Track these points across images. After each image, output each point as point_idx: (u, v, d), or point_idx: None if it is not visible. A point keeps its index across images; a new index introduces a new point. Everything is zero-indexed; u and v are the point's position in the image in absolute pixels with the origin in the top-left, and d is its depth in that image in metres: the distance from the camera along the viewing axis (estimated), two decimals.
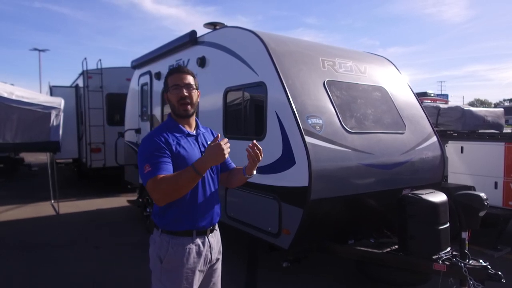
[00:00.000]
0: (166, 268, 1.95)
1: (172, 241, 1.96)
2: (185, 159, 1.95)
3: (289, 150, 3.58)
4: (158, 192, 1.81)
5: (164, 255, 1.95)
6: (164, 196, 1.83)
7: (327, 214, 3.72)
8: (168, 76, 2.09)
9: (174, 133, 2.01)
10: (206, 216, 2.05)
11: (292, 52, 4.18)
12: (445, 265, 3.28)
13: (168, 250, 1.95)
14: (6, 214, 7.47)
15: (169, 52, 6.02)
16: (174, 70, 2.10)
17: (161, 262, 1.95)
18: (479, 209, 3.29)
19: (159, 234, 2.00)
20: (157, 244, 1.99)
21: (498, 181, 5.49)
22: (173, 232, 1.97)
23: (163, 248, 1.96)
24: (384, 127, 4.24)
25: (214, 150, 1.80)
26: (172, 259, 1.95)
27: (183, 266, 1.96)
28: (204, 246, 2.04)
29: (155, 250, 1.99)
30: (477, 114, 6.86)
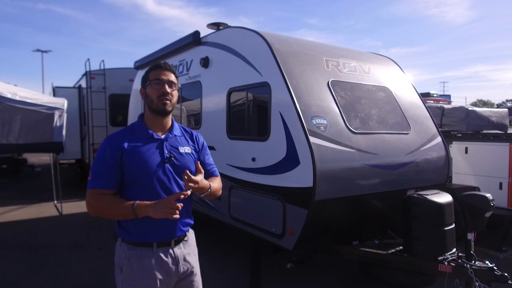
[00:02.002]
0: (125, 280, 1.85)
1: (130, 252, 1.85)
2: (139, 167, 1.82)
3: (293, 150, 3.57)
4: (91, 207, 1.80)
5: (122, 265, 1.86)
6: (95, 213, 1.81)
7: (332, 215, 3.70)
8: (150, 71, 1.94)
9: (135, 137, 1.89)
10: (169, 227, 1.87)
11: (296, 52, 4.16)
12: (451, 266, 3.26)
13: (126, 261, 1.84)
14: (9, 215, 7.48)
15: (173, 53, 6.02)
16: (158, 66, 1.94)
17: (121, 272, 1.86)
18: (485, 210, 3.27)
19: (120, 243, 1.90)
20: (118, 253, 1.90)
21: (503, 181, 5.45)
22: (131, 243, 1.85)
23: (122, 258, 1.86)
24: (389, 128, 4.21)
25: (163, 205, 1.68)
26: (130, 271, 1.84)
27: (142, 278, 1.83)
28: (168, 257, 1.88)
29: (117, 259, 1.90)
30: (481, 114, 6.82)
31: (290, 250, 3.65)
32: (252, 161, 4.07)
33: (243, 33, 4.51)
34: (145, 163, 1.83)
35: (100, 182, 1.79)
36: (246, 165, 4.19)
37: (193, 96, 5.46)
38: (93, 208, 1.80)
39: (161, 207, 1.69)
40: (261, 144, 3.99)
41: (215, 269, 4.66)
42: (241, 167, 4.27)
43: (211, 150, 4.87)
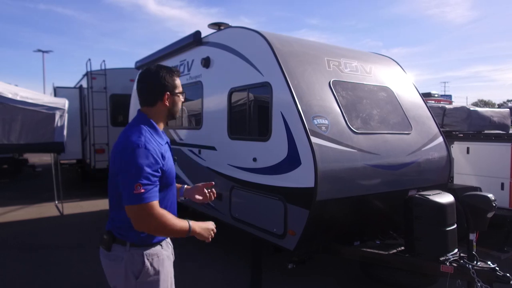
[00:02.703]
0: (144, 282, 1.83)
1: (146, 252, 1.84)
2: (171, 172, 1.85)
3: (294, 150, 3.56)
4: (145, 225, 1.69)
5: (139, 270, 1.82)
6: (148, 230, 1.73)
7: (333, 215, 3.70)
8: (175, 77, 1.95)
9: (160, 141, 1.86)
10: None
11: (297, 52, 4.16)
12: (453, 267, 3.25)
13: (144, 264, 1.82)
14: (10, 215, 7.48)
15: (174, 53, 6.01)
16: (178, 73, 1.98)
17: (137, 278, 1.82)
18: (487, 210, 3.26)
19: (127, 249, 1.82)
20: (126, 260, 1.82)
21: (504, 182, 5.44)
22: (147, 245, 1.85)
23: (136, 263, 1.82)
24: (390, 128, 4.20)
25: (209, 228, 1.90)
26: (151, 271, 1.84)
27: (161, 274, 1.88)
28: (169, 247, 2.01)
29: (124, 268, 1.81)
30: (483, 114, 6.81)
31: (291, 250, 3.64)
32: (253, 161, 4.07)
33: (244, 33, 4.50)
34: (172, 169, 1.89)
35: (155, 194, 1.69)
36: (247, 165, 4.18)
37: (194, 96, 5.46)
38: (148, 224, 1.69)
39: (207, 230, 1.87)
40: (262, 144, 3.98)
41: (215, 269, 4.65)
42: (242, 167, 4.26)
43: (212, 150, 4.88)
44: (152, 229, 1.72)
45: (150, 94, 1.91)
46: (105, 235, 1.87)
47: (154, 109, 1.91)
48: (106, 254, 1.87)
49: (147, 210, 1.66)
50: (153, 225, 1.68)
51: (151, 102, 1.90)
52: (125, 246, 1.83)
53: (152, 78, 1.89)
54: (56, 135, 7.11)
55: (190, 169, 5.45)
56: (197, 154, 5.22)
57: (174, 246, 2.12)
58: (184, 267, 4.72)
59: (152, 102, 1.90)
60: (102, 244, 1.87)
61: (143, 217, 1.67)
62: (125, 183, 1.67)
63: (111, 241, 1.84)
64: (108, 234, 1.86)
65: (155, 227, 1.70)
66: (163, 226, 1.70)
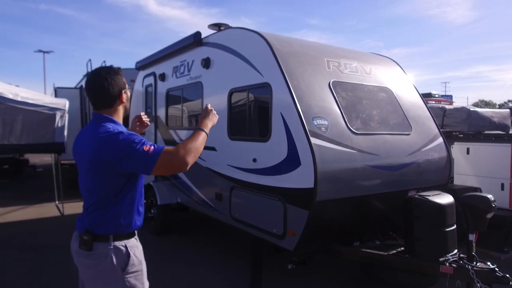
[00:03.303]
0: (130, 272, 1.92)
1: (128, 244, 1.93)
2: None
3: (294, 151, 3.56)
4: (179, 160, 1.78)
5: (126, 261, 1.90)
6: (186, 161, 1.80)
7: (333, 216, 3.70)
8: (120, 74, 2.04)
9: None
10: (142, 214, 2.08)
11: (297, 52, 4.16)
12: (452, 267, 3.25)
13: (129, 255, 1.92)
14: (11, 215, 7.49)
15: (174, 53, 6.02)
16: (121, 70, 2.07)
17: (124, 271, 1.89)
18: (487, 211, 3.26)
19: (110, 245, 1.88)
20: (111, 255, 1.88)
21: (504, 182, 5.44)
22: (127, 235, 1.95)
23: (122, 256, 1.90)
24: (390, 128, 4.21)
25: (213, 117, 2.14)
26: (136, 262, 1.95)
27: (143, 265, 2.03)
28: (138, 241, 2.08)
29: (110, 262, 1.87)
30: (483, 115, 6.81)
31: (291, 251, 3.64)
32: (253, 161, 4.07)
33: (244, 33, 4.51)
34: None
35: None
36: (247, 166, 4.18)
37: (194, 96, 5.46)
38: (185, 151, 1.81)
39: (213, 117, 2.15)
40: (262, 145, 3.98)
41: (215, 269, 4.66)
42: (242, 168, 4.27)
43: (212, 150, 4.89)
44: (186, 157, 1.80)
45: (109, 97, 1.97)
46: (85, 235, 1.89)
47: (112, 110, 2.00)
48: (87, 254, 1.88)
49: (168, 153, 1.77)
50: (182, 155, 1.79)
51: (110, 104, 1.99)
52: (108, 242, 1.88)
53: (107, 83, 1.95)
54: (56, 136, 7.12)
55: (190, 169, 5.44)
56: None
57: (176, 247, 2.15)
58: (184, 267, 4.73)
59: (111, 104, 1.99)
60: (83, 245, 1.89)
61: (173, 157, 1.78)
62: (136, 156, 1.75)
63: (92, 240, 1.87)
64: (87, 234, 1.88)
65: (186, 154, 1.80)
66: (190, 149, 1.83)
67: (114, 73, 1.99)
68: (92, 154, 1.82)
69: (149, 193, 6.31)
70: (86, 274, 1.94)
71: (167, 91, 6.21)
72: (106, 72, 1.97)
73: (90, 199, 1.91)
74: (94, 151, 1.82)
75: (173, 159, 1.78)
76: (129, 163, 1.78)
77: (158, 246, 5.47)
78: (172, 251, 5.25)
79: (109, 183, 1.85)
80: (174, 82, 6.04)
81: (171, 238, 5.86)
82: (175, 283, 4.31)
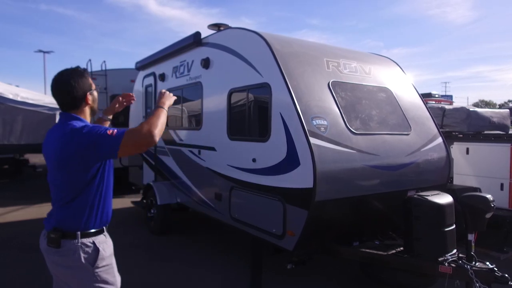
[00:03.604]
0: (100, 267, 1.97)
1: (96, 240, 1.98)
2: None
3: (293, 151, 3.57)
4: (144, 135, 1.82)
5: (94, 257, 1.95)
6: (151, 136, 1.83)
7: (332, 216, 3.71)
8: (85, 76, 2.07)
9: None
10: (111, 209, 2.14)
11: (297, 53, 4.17)
12: (451, 267, 3.26)
13: (98, 250, 1.96)
14: (11, 215, 7.50)
15: (174, 54, 6.02)
16: (86, 71, 2.13)
17: (93, 265, 1.94)
18: (486, 211, 3.27)
19: (78, 242, 1.92)
20: (80, 251, 1.92)
21: (504, 182, 5.44)
22: (95, 232, 1.99)
23: (91, 251, 1.94)
24: (389, 128, 4.21)
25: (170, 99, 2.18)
26: (105, 256, 1.99)
27: (113, 260, 2.09)
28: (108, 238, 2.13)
29: (79, 259, 1.91)
30: (482, 115, 6.81)
31: (290, 250, 3.65)
32: (253, 161, 4.08)
33: (244, 34, 4.51)
34: None
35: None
36: (246, 166, 4.19)
37: (194, 96, 5.47)
38: (149, 126, 1.85)
39: (170, 99, 2.18)
40: (262, 145, 3.99)
41: (215, 269, 4.66)
42: (242, 168, 4.27)
43: (212, 150, 4.89)
44: (151, 130, 1.84)
45: (73, 100, 2.01)
46: (52, 233, 1.94)
47: (79, 111, 2.03)
48: (56, 251, 1.94)
49: (132, 131, 1.85)
50: (146, 129, 1.84)
51: (76, 106, 2.02)
52: (76, 239, 1.92)
53: (71, 86, 1.99)
54: None
55: (190, 169, 5.46)
56: (197, 155, 5.23)
57: (176, 247, 2.17)
58: (184, 267, 4.74)
59: (76, 106, 2.02)
60: (51, 243, 1.94)
61: (138, 133, 1.84)
62: (101, 140, 1.82)
63: (60, 237, 1.92)
64: (55, 232, 1.94)
65: (150, 128, 1.85)
66: (154, 122, 1.89)
67: (78, 75, 2.02)
68: (59, 152, 1.88)
69: (149, 193, 6.32)
70: (57, 270, 2.00)
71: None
72: (71, 75, 2.00)
73: (57, 196, 1.97)
74: (60, 148, 1.87)
75: (138, 135, 1.83)
76: (95, 149, 1.83)
77: (158, 246, 5.48)
78: (172, 251, 5.25)
79: (75, 179, 1.90)
80: (173, 82, 6.04)
81: (171, 238, 5.87)
82: (175, 283, 4.31)
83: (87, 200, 1.94)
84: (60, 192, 1.95)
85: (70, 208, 1.93)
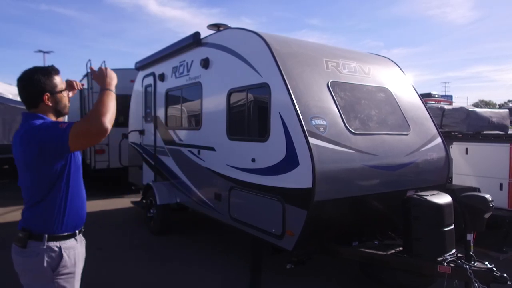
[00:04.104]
0: (61, 273, 1.91)
1: (63, 246, 1.92)
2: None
3: (292, 151, 3.58)
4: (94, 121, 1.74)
5: (57, 262, 1.90)
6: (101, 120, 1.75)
7: (331, 216, 3.71)
8: (51, 76, 1.98)
9: None
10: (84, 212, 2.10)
11: (296, 53, 4.17)
12: (450, 267, 3.26)
13: (62, 256, 1.91)
14: (10, 215, 7.51)
15: (173, 54, 6.03)
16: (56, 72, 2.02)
17: (54, 271, 1.89)
18: (485, 211, 3.27)
19: (43, 245, 1.88)
20: (43, 254, 1.88)
21: (503, 182, 5.45)
22: (64, 236, 1.94)
23: (54, 256, 1.89)
24: (388, 128, 4.22)
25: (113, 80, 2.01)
26: (68, 264, 1.93)
27: (77, 268, 2.01)
28: (82, 245, 2.12)
29: (41, 262, 1.87)
30: (482, 115, 6.81)
31: (289, 250, 3.65)
32: (252, 161, 4.08)
33: (243, 34, 4.52)
34: None
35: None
36: (246, 166, 4.20)
37: (193, 97, 5.47)
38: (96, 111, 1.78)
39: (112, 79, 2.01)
40: (261, 145, 4.00)
41: (215, 269, 4.67)
42: (241, 168, 4.28)
43: (212, 150, 4.90)
44: (101, 118, 1.75)
45: (29, 98, 1.95)
46: (20, 233, 1.93)
47: (38, 110, 1.96)
48: (20, 251, 1.91)
49: (80, 122, 1.79)
50: (95, 118, 1.75)
51: (34, 105, 1.96)
52: (42, 241, 1.88)
53: (28, 83, 1.93)
54: None
55: (190, 169, 5.47)
56: (197, 155, 5.23)
57: (176, 247, 2.16)
58: (184, 267, 4.74)
59: (34, 104, 1.96)
60: (17, 242, 1.93)
61: (86, 123, 1.78)
62: (52, 132, 1.79)
63: (27, 238, 1.89)
64: (23, 232, 1.91)
65: (99, 116, 1.75)
66: (101, 111, 1.77)
67: (42, 73, 1.95)
68: (23, 153, 1.85)
69: (148, 193, 6.33)
70: (18, 270, 1.98)
71: (167, 91, 6.22)
72: (33, 72, 1.94)
73: (26, 197, 1.94)
74: (23, 150, 1.85)
75: (86, 124, 1.77)
76: (50, 145, 1.79)
77: (158, 246, 5.48)
78: (172, 251, 5.26)
79: (41, 179, 1.86)
80: (173, 82, 6.05)
81: (171, 238, 5.87)
82: (175, 283, 4.32)
83: (54, 202, 1.90)
84: (29, 193, 1.91)
85: (38, 209, 1.90)
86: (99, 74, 1.97)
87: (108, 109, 1.80)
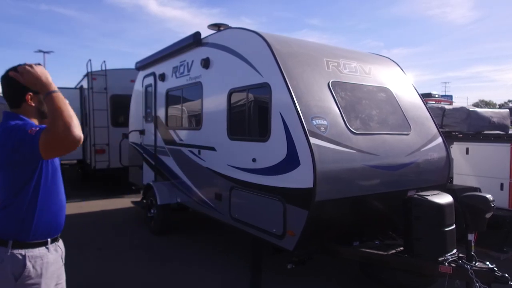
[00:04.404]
0: (23, 284, 1.78)
1: (29, 255, 1.80)
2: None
3: (293, 151, 3.57)
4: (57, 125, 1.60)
5: (20, 272, 1.76)
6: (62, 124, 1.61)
7: (332, 216, 3.71)
8: None
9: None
10: (61, 219, 1.99)
11: (296, 53, 4.17)
12: (451, 267, 3.26)
13: (25, 266, 1.78)
14: None
15: (174, 54, 6.03)
16: None
17: (16, 280, 1.76)
18: (486, 211, 3.27)
19: (7, 251, 1.77)
20: (7, 261, 1.76)
21: (504, 182, 5.44)
22: (32, 244, 1.82)
23: (17, 265, 1.77)
24: (389, 128, 4.22)
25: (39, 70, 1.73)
26: (32, 274, 1.79)
27: (44, 278, 1.83)
28: (57, 251, 1.97)
29: (4, 269, 1.75)
30: (482, 115, 6.81)
31: (290, 250, 3.65)
32: (253, 161, 4.08)
33: (244, 34, 4.51)
34: None
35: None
36: (246, 166, 4.19)
37: (194, 96, 5.47)
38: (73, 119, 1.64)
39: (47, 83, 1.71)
40: (262, 145, 3.99)
41: (215, 269, 4.66)
42: (242, 168, 4.27)
43: (212, 150, 4.90)
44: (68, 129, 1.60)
45: (11, 97, 1.88)
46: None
47: (21, 110, 1.88)
48: None
49: (46, 129, 1.65)
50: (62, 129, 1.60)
51: (16, 105, 1.88)
52: (7, 248, 1.78)
53: (10, 81, 1.81)
54: None
55: (190, 169, 5.46)
56: (197, 155, 5.23)
57: (176, 247, 2.12)
58: (184, 267, 4.74)
59: (17, 104, 1.88)
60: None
61: (52, 134, 1.63)
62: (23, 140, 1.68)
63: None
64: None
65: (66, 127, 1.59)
66: (64, 119, 1.61)
67: None
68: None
69: (149, 193, 6.32)
70: None
71: (167, 91, 6.22)
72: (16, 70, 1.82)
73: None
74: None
75: (57, 138, 1.62)
76: (18, 147, 1.71)
77: (158, 246, 5.48)
78: (172, 251, 5.25)
79: (13, 181, 1.78)
80: (173, 82, 6.04)
81: (171, 238, 5.87)
82: (175, 283, 4.31)
83: (21, 207, 1.78)
84: (1, 195, 1.81)
85: (5, 212, 1.79)
86: (29, 76, 1.70)
87: (70, 116, 1.63)
